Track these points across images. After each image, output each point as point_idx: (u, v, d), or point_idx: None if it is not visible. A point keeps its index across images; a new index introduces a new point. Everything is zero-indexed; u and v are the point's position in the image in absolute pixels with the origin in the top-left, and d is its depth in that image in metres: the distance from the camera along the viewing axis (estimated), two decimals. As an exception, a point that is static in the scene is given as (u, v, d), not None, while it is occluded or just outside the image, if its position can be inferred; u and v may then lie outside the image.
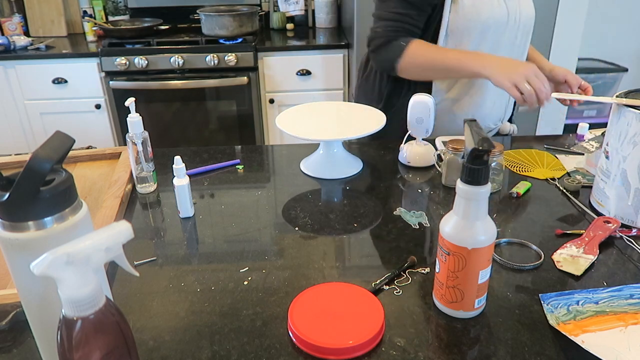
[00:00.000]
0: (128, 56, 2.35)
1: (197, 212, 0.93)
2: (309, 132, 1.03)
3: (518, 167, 1.07)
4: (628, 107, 0.80)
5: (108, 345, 0.44)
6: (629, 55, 3.22)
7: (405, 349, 0.61)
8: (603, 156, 0.87)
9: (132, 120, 0.94)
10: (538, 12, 1.27)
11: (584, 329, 0.62)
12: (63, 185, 0.49)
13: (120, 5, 2.83)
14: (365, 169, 1.08)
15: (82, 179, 1.06)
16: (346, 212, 0.92)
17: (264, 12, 2.81)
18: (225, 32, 2.46)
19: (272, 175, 1.09)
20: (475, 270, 0.61)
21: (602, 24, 3.11)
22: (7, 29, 2.65)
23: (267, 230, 0.87)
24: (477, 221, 0.60)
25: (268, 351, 0.61)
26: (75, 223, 0.50)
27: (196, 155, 1.16)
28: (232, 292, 0.71)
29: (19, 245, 0.48)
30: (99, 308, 0.42)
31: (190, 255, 0.81)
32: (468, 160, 0.57)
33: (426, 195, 0.97)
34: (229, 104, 2.49)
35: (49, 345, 0.53)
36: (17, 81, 2.39)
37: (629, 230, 0.83)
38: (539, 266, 0.75)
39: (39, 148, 0.47)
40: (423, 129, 1.07)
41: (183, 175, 0.89)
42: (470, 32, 1.15)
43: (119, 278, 0.75)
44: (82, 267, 0.40)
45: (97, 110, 2.46)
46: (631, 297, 0.67)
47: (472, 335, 0.63)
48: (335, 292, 0.68)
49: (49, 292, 0.49)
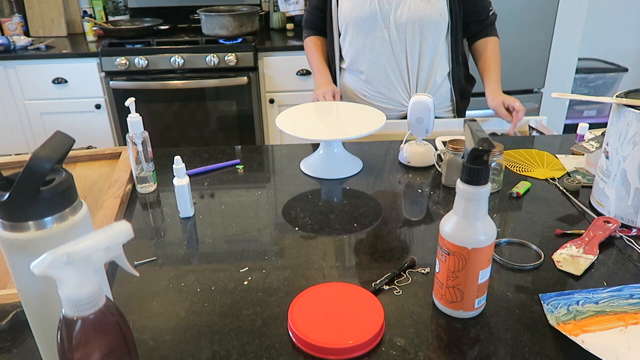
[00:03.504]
0: (128, 56, 2.35)
1: (197, 212, 0.93)
2: (309, 132, 1.03)
3: (518, 167, 1.07)
4: (628, 107, 0.80)
5: (108, 345, 0.44)
6: (629, 55, 3.22)
7: (405, 349, 0.61)
8: (603, 156, 0.87)
9: (132, 120, 0.94)
10: (538, 12, 1.29)
11: (584, 329, 0.62)
12: (63, 185, 0.49)
13: (120, 5, 2.83)
14: (365, 169, 1.08)
15: (82, 179, 1.06)
16: (346, 212, 0.92)
17: (264, 12, 2.81)
18: (225, 32, 2.46)
19: (272, 175, 1.09)
20: (475, 270, 0.61)
21: (602, 24, 3.11)
22: (7, 29, 2.65)
23: (267, 230, 0.87)
24: (477, 221, 0.60)
25: (268, 351, 0.61)
26: (75, 223, 0.50)
27: (196, 155, 1.16)
28: (232, 292, 0.71)
29: (19, 245, 0.48)
30: (99, 308, 0.42)
31: (190, 255, 0.81)
32: (468, 160, 0.57)
33: (426, 195, 0.97)
34: (229, 104, 2.49)
35: (49, 345, 0.53)
36: (17, 81, 2.39)
37: (629, 230, 0.83)
38: (539, 266, 0.75)
39: (39, 148, 0.47)
40: (423, 129, 1.07)
41: (183, 175, 0.89)
42: (350, 28, 1.41)
43: (119, 278, 0.75)
44: (82, 267, 0.40)
45: (97, 110, 2.46)
46: (631, 297, 0.67)
47: (472, 335, 0.63)
48: (335, 292, 0.68)
49: (49, 292, 0.49)
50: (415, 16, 1.35)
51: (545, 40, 2.47)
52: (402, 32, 1.37)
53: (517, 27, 2.42)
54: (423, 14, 1.35)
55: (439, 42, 1.40)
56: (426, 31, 1.38)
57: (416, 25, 1.36)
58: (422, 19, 1.35)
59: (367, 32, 1.39)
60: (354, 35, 1.41)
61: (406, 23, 1.36)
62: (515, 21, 2.41)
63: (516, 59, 2.49)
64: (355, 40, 1.41)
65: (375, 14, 1.36)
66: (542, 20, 2.42)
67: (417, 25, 1.36)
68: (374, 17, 1.36)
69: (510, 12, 2.39)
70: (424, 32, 1.38)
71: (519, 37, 2.44)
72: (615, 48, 3.20)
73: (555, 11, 2.41)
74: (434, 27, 1.37)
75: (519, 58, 2.49)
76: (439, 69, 1.44)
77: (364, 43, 1.40)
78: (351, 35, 1.42)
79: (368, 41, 1.40)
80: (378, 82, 1.44)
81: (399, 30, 1.37)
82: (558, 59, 2.58)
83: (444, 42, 1.42)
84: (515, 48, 2.46)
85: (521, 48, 2.47)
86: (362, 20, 1.37)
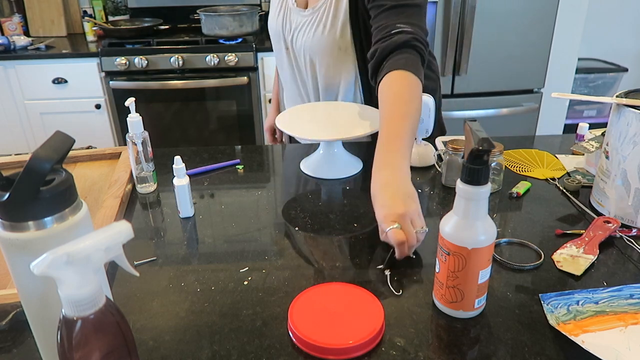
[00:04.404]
0: (128, 56, 2.35)
1: (197, 212, 0.93)
2: (309, 132, 1.03)
3: (518, 167, 1.07)
4: (628, 107, 0.80)
5: (108, 345, 0.44)
6: (629, 55, 3.22)
7: (405, 349, 0.61)
8: (603, 156, 0.87)
9: (132, 120, 0.94)
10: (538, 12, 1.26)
11: (584, 329, 0.62)
12: (63, 185, 0.49)
13: (120, 5, 2.83)
14: (365, 169, 1.08)
15: (82, 179, 1.06)
16: (346, 212, 0.92)
17: (264, 12, 2.81)
18: (225, 32, 2.46)
19: (272, 175, 1.09)
20: (475, 270, 0.62)
21: (602, 24, 3.11)
22: (7, 29, 2.65)
23: (267, 230, 0.87)
24: (477, 221, 0.60)
25: (268, 351, 0.61)
26: (75, 223, 0.50)
27: (196, 155, 1.16)
28: (232, 292, 0.71)
29: (19, 245, 0.48)
30: (99, 308, 0.42)
31: (190, 255, 0.81)
32: (468, 160, 0.57)
33: (426, 195, 0.97)
34: (229, 104, 2.49)
35: (49, 345, 0.53)
36: (17, 81, 2.39)
37: (629, 230, 0.83)
38: (539, 266, 0.75)
39: (39, 148, 0.47)
40: (423, 129, 1.07)
41: (183, 175, 0.89)
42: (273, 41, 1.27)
43: (119, 278, 0.75)
44: (82, 267, 0.40)
45: (97, 110, 2.47)
46: (631, 297, 0.67)
47: (472, 335, 0.63)
48: (335, 292, 0.68)
49: (49, 292, 0.49)
50: (307, 46, 1.15)
51: (545, 40, 2.47)
52: (300, 58, 1.19)
53: (517, 27, 2.42)
54: (316, 45, 1.13)
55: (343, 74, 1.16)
56: (322, 63, 1.15)
57: (308, 55, 1.16)
58: (314, 50, 1.14)
59: (277, 48, 1.26)
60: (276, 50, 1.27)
61: (299, 50, 1.17)
62: (515, 21, 2.41)
63: (516, 59, 2.49)
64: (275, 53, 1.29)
65: (279, 32, 1.21)
66: (542, 20, 2.42)
67: (309, 55, 1.16)
68: (278, 34, 1.22)
69: (510, 12, 2.39)
70: (321, 63, 1.15)
71: (519, 37, 2.44)
72: (615, 48, 3.20)
73: (555, 11, 2.41)
74: (333, 61, 1.14)
75: (519, 58, 2.49)
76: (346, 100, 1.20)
77: (278, 59, 1.28)
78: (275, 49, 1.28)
79: (278, 58, 1.28)
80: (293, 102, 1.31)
81: (296, 54, 1.20)
82: (558, 59, 2.58)
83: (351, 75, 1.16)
84: (515, 48, 2.47)
85: (521, 48, 2.47)
86: (273, 34, 1.24)
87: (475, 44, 2.43)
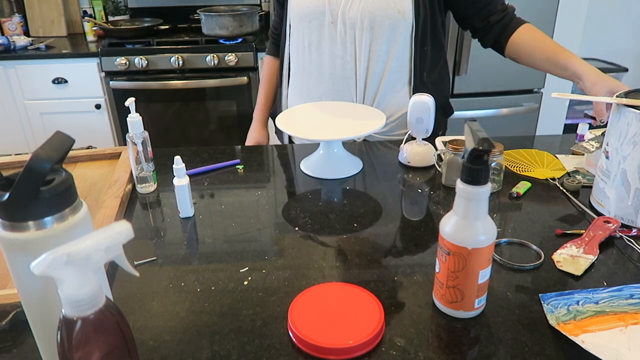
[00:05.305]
0: (128, 56, 2.35)
1: (197, 212, 0.93)
2: (309, 132, 1.03)
3: (518, 167, 1.07)
4: (628, 107, 0.80)
5: (108, 345, 0.44)
6: (629, 55, 3.22)
7: (405, 349, 0.61)
8: (603, 156, 0.87)
9: (132, 120, 0.94)
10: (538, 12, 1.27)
11: (584, 329, 0.62)
12: (63, 185, 0.49)
13: (120, 5, 2.83)
14: (365, 169, 1.08)
15: (82, 179, 1.06)
16: (346, 212, 0.92)
17: (264, 12, 2.81)
18: (225, 32, 2.46)
19: (272, 175, 1.09)
20: (475, 270, 0.62)
21: (602, 24, 3.11)
22: (7, 29, 2.65)
23: (267, 230, 0.87)
24: (477, 221, 0.60)
25: (268, 351, 0.61)
26: (75, 223, 0.50)
27: (196, 155, 1.16)
28: (232, 292, 0.71)
29: (19, 245, 0.48)
30: (99, 308, 0.42)
31: (190, 255, 0.81)
32: (468, 160, 0.57)
33: (426, 195, 0.97)
34: (229, 104, 2.49)
35: (49, 345, 0.53)
36: (17, 81, 2.39)
37: (629, 230, 0.83)
38: (539, 266, 0.75)
39: (39, 148, 0.47)
40: (423, 129, 1.07)
41: (183, 175, 0.89)
42: (298, 24, 1.24)
43: (119, 278, 0.75)
44: (82, 267, 0.40)
45: (97, 110, 2.46)
46: (631, 297, 0.67)
47: (472, 335, 0.63)
48: (335, 292, 0.68)
49: (49, 292, 0.49)
50: (366, 10, 1.15)
51: (545, 40, 2.47)
52: (350, 29, 1.18)
53: (517, 27, 2.41)
54: (376, 8, 1.15)
55: (395, 46, 1.19)
56: (377, 31, 1.17)
57: (365, 21, 1.16)
58: (373, 14, 1.15)
59: (313, 28, 1.21)
60: (300, 31, 1.24)
61: (355, 18, 1.17)
62: (515, 21, 2.40)
63: (516, 59, 2.49)
64: (301, 38, 1.24)
65: (323, 5, 1.19)
66: (542, 20, 2.41)
67: (367, 21, 1.16)
68: (319, 9, 1.19)
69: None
70: (375, 32, 1.17)
71: (519, 37, 2.44)
72: (615, 48, 3.19)
73: (555, 11, 2.41)
74: (388, 27, 1.16)
75: (519, 58, 2.48)
76: (392, 81, 1.22)
77: (309, 41, 1.23)
78: (297, 31, 1.25)
79: (314, 38, 1.22)
80: (322, 89, 1.26)
81: (346, 26, 1.18)
82: (558, 59, 2.57)
83: (403, 48, 1.20)
84: (515, 48, 2.46)
85: (521, 48, 2.46)
86: (309, 12, 1.20)
87: (475, 44, 2.42)
